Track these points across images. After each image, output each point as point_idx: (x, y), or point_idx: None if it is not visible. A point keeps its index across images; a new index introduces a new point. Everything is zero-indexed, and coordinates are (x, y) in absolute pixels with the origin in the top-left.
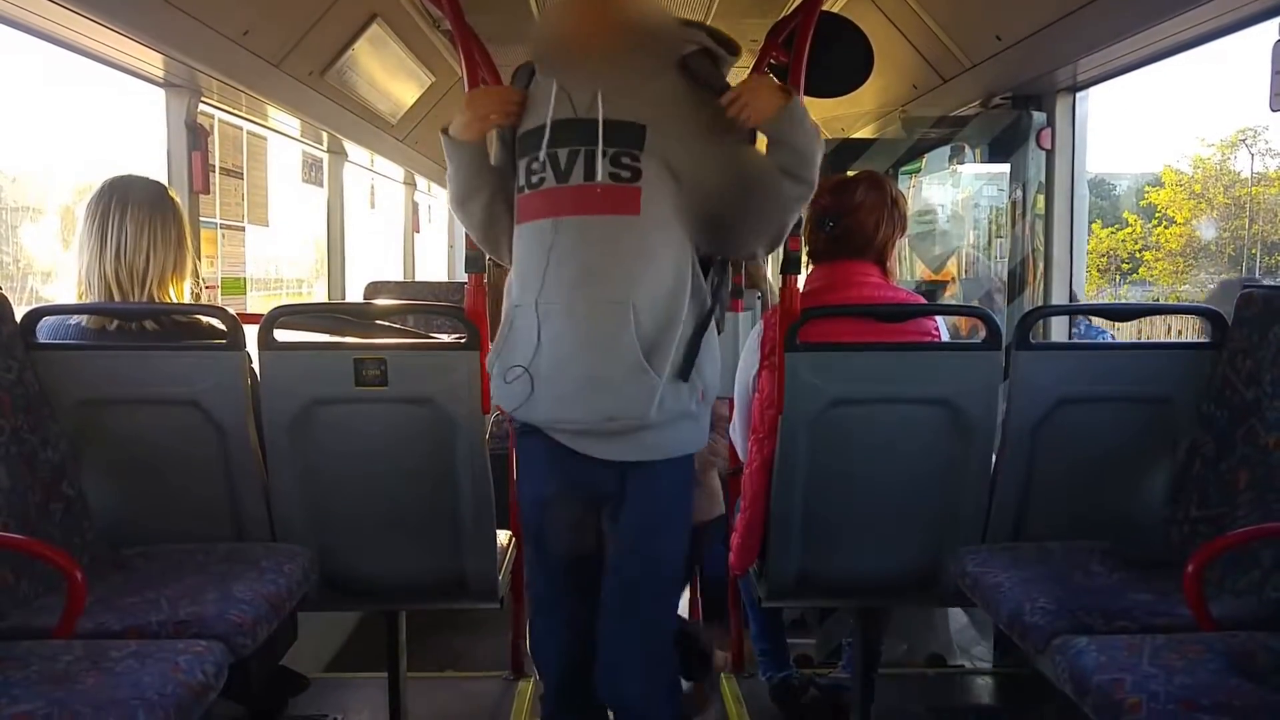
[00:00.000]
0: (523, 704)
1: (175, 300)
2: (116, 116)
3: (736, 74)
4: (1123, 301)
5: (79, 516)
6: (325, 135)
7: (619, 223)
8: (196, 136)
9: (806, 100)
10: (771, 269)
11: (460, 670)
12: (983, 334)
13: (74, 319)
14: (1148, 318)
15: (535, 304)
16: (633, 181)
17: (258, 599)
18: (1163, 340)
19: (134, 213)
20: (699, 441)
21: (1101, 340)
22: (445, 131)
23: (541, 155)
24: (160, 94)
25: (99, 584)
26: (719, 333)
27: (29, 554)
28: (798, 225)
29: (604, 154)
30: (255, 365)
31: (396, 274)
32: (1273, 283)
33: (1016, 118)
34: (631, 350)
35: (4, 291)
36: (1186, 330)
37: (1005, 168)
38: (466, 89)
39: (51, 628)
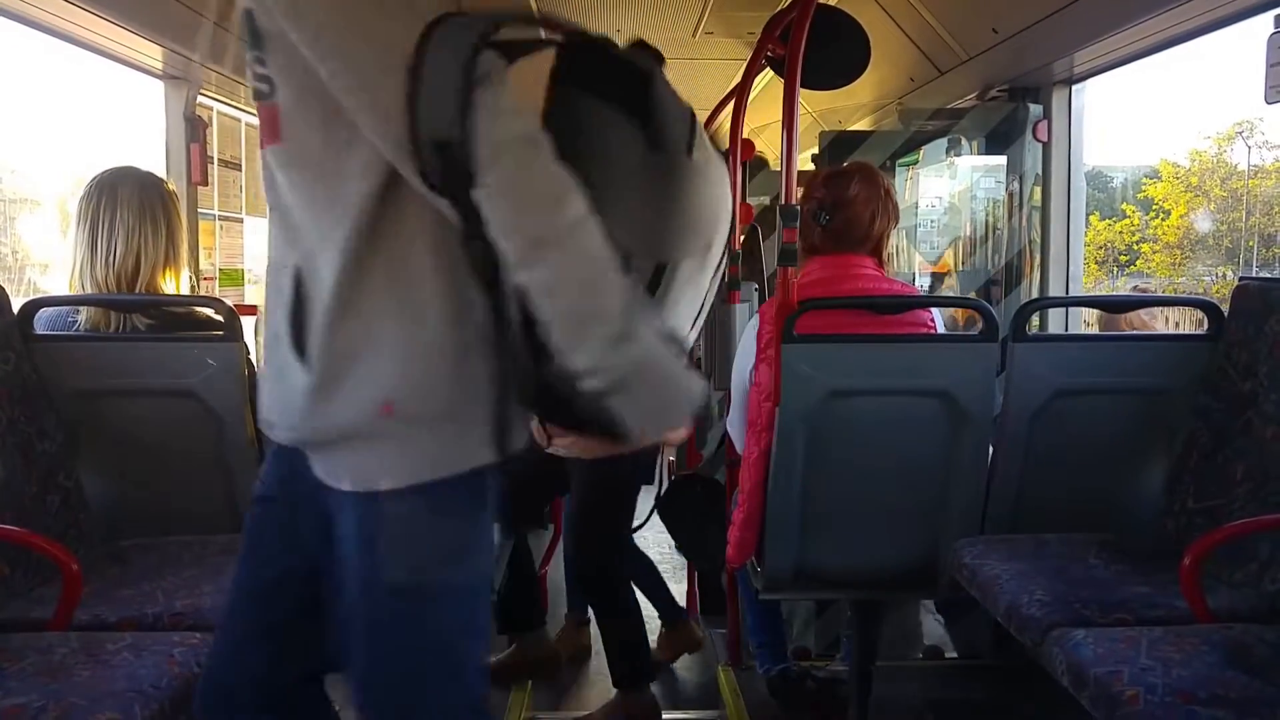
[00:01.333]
0: (521, 697)
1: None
2: (116, 107)
3: (732, 66)
4: (1120, 293)
5: (75, 508)
6: None
7: (275, 156)
8: (195, 128)
9: (804, 94)
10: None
11: None
12: (979, 326)
13: (73, 322)
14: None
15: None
16: (269, 97)
17: None
18: (1160, 332)
19: (123, 214)
20: (397, 471)
21: None
22: None
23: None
24: (159, 85)
25: (95, 576)
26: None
27: (25, 545)
28: (793, 217)
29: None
30: (253, 356)
31: None
32: (1269, 275)
33: (1013, 110)
34: (282, 333)
35: (1, 283)
36: (1184, 323)
37: (1002, 160)
38: None
39: (47, 620)
